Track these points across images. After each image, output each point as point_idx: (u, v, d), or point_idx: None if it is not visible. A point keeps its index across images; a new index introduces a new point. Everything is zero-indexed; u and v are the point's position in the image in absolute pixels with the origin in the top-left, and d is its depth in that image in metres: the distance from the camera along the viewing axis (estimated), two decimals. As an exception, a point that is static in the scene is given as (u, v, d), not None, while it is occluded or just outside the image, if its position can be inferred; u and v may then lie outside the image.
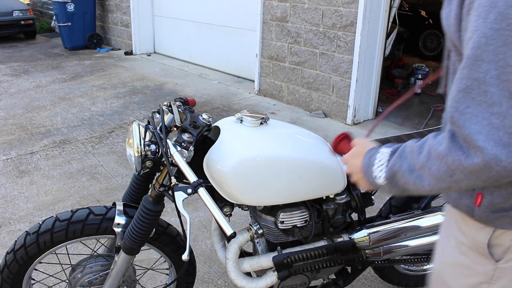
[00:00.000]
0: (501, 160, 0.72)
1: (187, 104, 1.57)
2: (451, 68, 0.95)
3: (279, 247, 1.59)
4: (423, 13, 8.31)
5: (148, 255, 2.41)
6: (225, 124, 1.52)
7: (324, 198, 1.63)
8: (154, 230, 1.52)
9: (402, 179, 0.88)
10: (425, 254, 1.96)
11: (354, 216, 1.78)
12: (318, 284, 1.80)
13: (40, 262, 1.56)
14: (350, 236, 1.67)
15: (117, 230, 1.50)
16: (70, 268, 1.64)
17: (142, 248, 1.53)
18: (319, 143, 1.58)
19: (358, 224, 1.74)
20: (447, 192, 0.96)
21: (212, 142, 1.50)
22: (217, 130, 1.53)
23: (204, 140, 1.53)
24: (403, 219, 1.74)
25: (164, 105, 1.51)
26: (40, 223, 1.50)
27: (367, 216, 1.81)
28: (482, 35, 0.75)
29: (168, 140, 1.35)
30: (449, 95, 0.82)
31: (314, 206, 1.63)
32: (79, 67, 6.99)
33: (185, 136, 1.38)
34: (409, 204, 1.86)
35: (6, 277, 1.51)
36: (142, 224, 1.43)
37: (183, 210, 1.26)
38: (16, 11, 9.22)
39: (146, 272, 2.09)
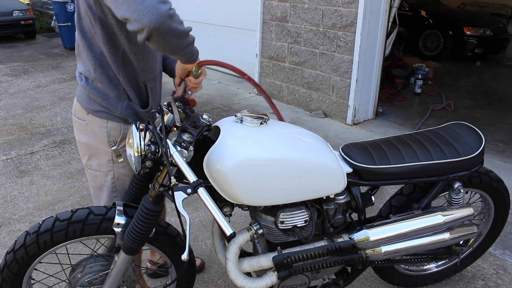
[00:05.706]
0: None
1: (187, 104, 1.57)
2: None
3: (279, 247, 1.59)
4: (423, 13, 8.32)
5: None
6: (225, 124, 1.52)
7: (324, 198, 1.63)
8: (154, 230, 1.52)
9: None
10: (425, 254, 1.97)
11: (354, 216, 1.78)
12: (318, 284, 1.80)
13: (40, 262, 1.56)
14: (350, 236, 1.67)
15: (117, 230, 1.50)
16: (70, 268, 1.64)
17: (142, 248, 1.53)
18: (319, 143, 1.57)
19: (358, 224, 1.74)
20: None
21: (212, 142, 1.50)
22: (217, 130, 1.53)
23: (204, 140, 1.53)
24: (403, 219, 1.74)
25: (164, 105, 1.51)
26: (40, 223, 1.50)
27: (367, 216, 1.81)
28: None
29: (168, 140, 1.35)
30: None
31: (314, 206, 1.63)
32: (79, 67, 6.98)
33: (185, 136, 1.38)
34: (409, 204, 1.87)
35: (6, 277, 1.51)
36: (142, 224, 1.43)
37: (183, 210, 1.26)
38: (16, 11, 9.22)
39: (146, 272, 2.09)
